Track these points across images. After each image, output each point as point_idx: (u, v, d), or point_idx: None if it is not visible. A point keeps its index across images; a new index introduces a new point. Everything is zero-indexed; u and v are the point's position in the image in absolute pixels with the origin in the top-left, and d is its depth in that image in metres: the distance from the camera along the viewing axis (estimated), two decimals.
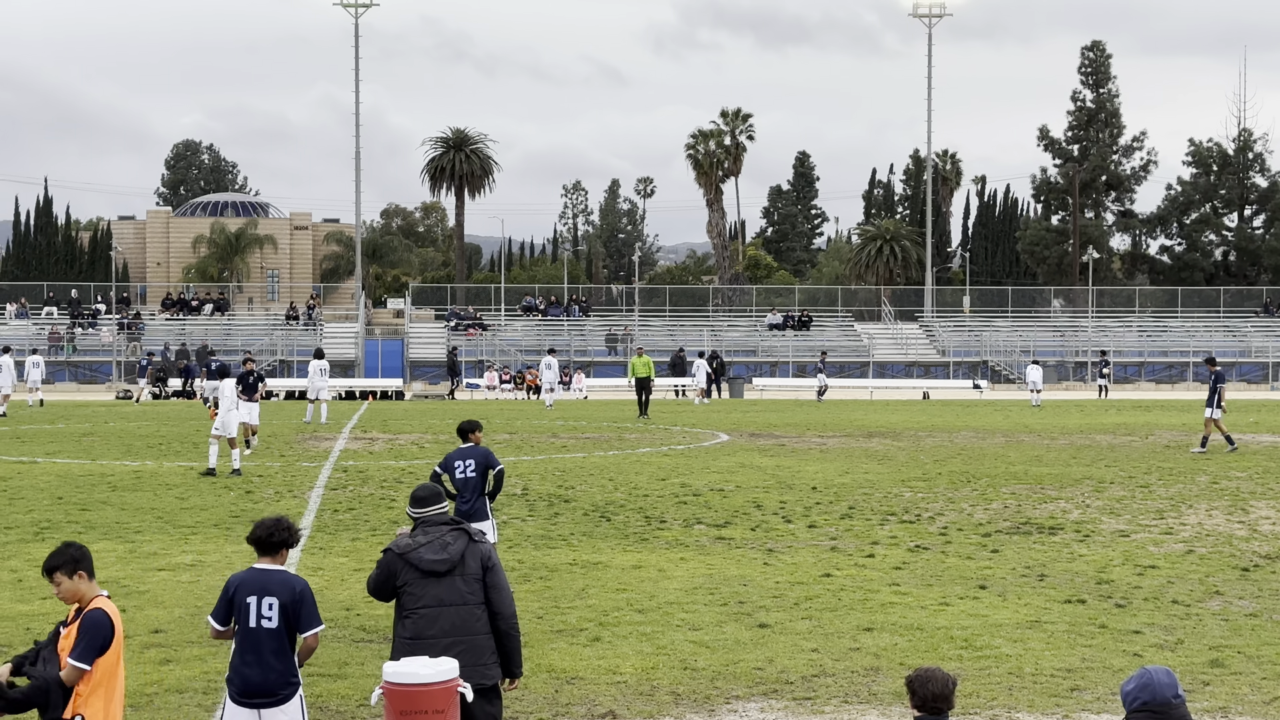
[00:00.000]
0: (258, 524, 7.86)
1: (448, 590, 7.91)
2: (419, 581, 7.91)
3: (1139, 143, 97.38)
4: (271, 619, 7.56)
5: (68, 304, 77.23)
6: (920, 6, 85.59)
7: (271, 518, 7.87)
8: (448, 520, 8.21)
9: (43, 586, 14.59)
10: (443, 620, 7.85)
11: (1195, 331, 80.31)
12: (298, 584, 7.71)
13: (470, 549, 8.03)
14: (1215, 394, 31.54)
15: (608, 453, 31.07)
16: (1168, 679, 5.84)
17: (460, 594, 7.93)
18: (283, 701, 7.57)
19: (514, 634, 8.07)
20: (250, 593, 7.60)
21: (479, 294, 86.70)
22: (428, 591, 7.89)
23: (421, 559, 7.95)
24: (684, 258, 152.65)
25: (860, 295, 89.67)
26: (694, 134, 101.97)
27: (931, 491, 23.40)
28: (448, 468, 14.14)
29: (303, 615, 7.62)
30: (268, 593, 7.60)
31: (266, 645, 7.55)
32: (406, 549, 8.00)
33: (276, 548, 7.75)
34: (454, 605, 7.90)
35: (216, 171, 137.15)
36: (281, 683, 7.57)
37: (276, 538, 7.74)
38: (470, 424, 14.30)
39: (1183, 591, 14.54)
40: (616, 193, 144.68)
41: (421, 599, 7.89)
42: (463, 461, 14.10)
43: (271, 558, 7.75)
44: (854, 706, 10.27)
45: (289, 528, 7.81)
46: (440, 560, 7.94)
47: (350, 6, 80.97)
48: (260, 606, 7.57)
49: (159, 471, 26.47)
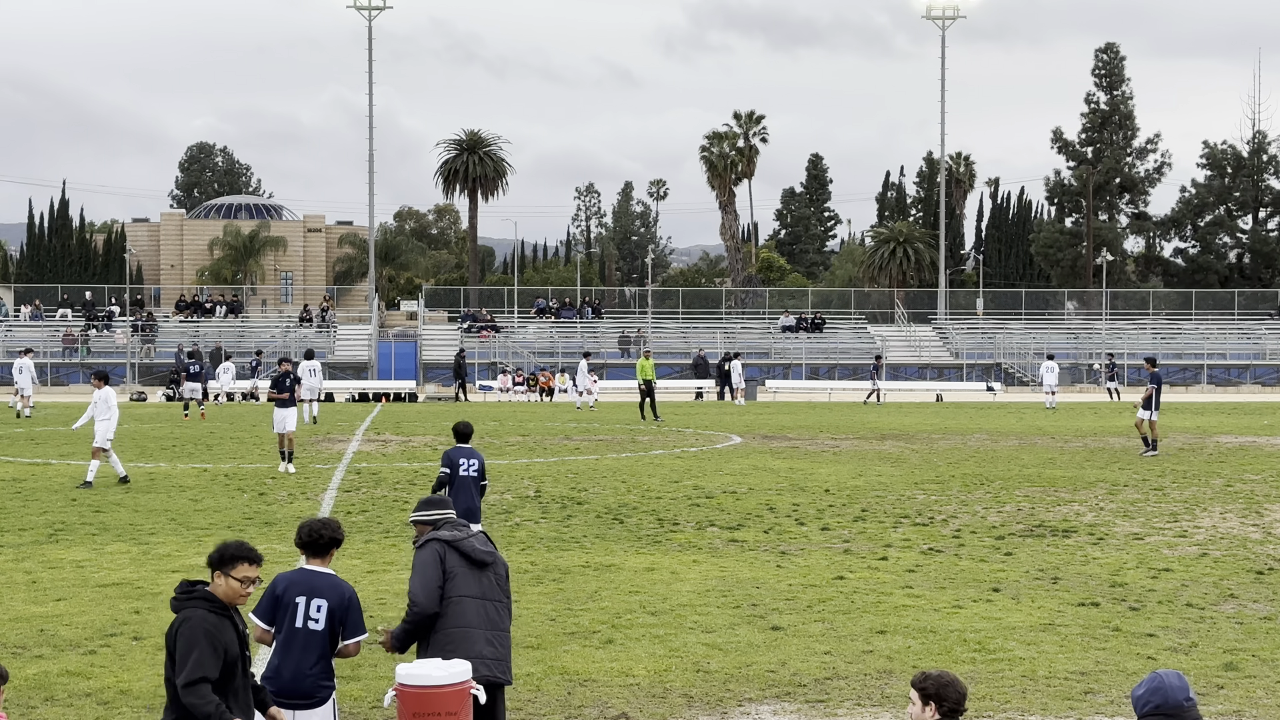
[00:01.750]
0: (302, 527, 7.85)
1: (488, 584, 8.09)
2: (467, 572, 8.05)
3: (1153, 145, 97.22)
4: (319, 621, 7.55)
5: (82, 306, 77.45)
6: (934, 9, 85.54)
7: (317, 519, 7.87)
8: (460, 522, 8.38)
9: (56, 588, 14.63)
10: (486, 612, 8.04)
11: (1209, 334, 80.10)
12: (347, 590, 7.70)
13: (496, 552, 8.33)
14: (1155, 395, 31.57)
15: (620, 455, 31.07)
16: (1179, 682, 5.82)
17: (495, 589, 8.15)
18: (319, 704, 7.58)
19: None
20: (300, 593, 7.59)
21: (492, 296, 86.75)
22: (474, 582, 8.05)
23: (473, 548, 8.13)
24: (697, 260, 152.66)
25: (873, 298, 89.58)
26: (708, 136, 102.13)
27: (945, 494, 23.36)
28: (452, 465, 14.66)
29: (349, 621, 7.62)
30: (317, 594, 7.59)
31: (311, 647, 7.54)
32: (455, 539, 8.16)
33: (326, 548, 7.75)
34: (492, 600, 8.10)
35: (230, 174, 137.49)
36: (319, 685, 7.58)
37: (325, 538, 7.74)
38: (469, 425, 15.15)
39: (1197, 595, 14.50)
40: (629, 195, 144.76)
41: (468, 589, 8.02)
42: (466, 460, 14.75)
43: (321, 560, 7.75)
44: (867, 709, 10.25)
45: (337, 526, 7.84)
46: (488, 551, 8.18)
47: (364, 9, 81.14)
48: (309, 608, 7.55)
49: (172, 473, 26.53)
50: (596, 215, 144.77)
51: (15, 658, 11.53)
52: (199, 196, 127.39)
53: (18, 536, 18.26)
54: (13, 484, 24.35)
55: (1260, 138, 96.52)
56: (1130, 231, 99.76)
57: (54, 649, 11.91)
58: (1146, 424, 31.28)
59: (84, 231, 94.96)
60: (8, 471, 26.65)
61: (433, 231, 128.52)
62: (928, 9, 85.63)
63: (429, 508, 8.45)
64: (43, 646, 12.02)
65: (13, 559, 16.50)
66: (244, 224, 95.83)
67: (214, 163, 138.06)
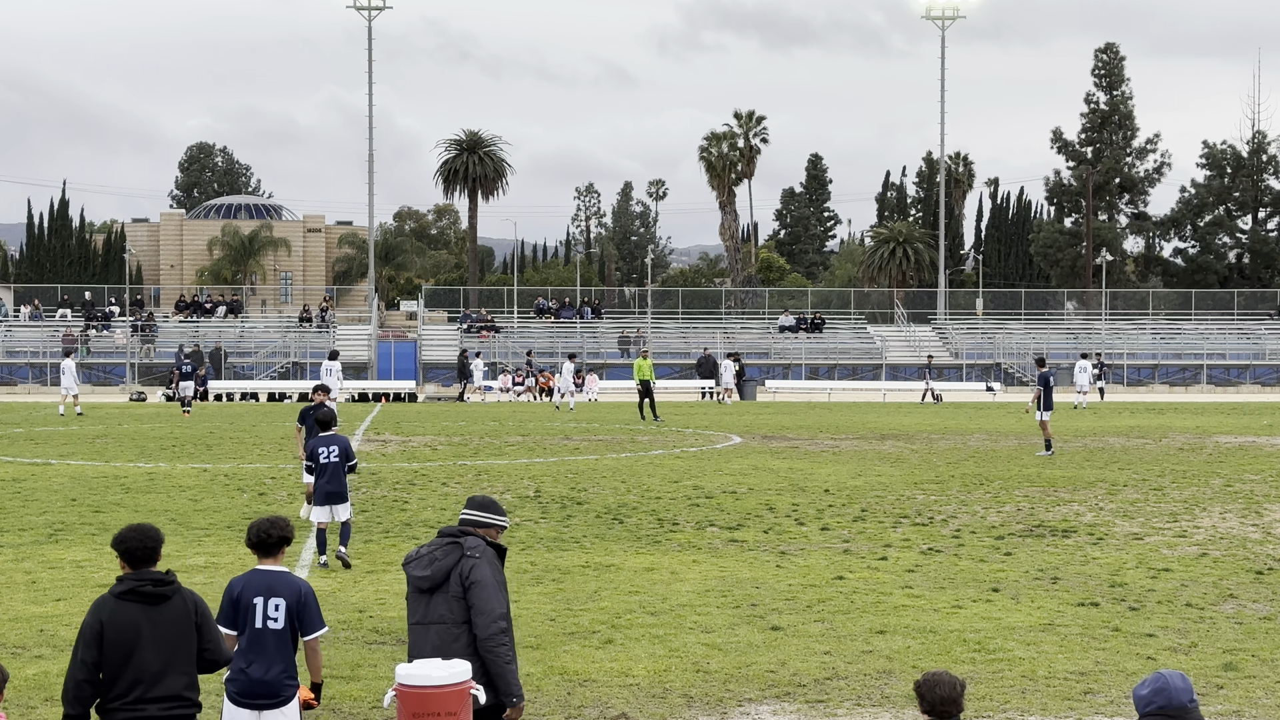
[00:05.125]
0: (252, 526, 7.86)
1: (431, 607, 7.59)
2: (412, 596, 7.67)
3: (1152, 145, 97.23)
4: (278, 620, 7.59)
5: (82, 306, 77.44)
6: (933, 9, 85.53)
7: (266, 519, 7.87)
8: (455, 531, 7.78)
9: (56, 588, 14.64)
10: (429, 638, 7.55)
11: (1209, 334, 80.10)
12: (303, 586, 7.74)
13: (457, 566, 7.58)
14: (1047, 395, 31.62)
15: (620, 455, 31.07)
16: (1183, 683, 5.82)
17: (439, 613, 7.55)
18: (284, 703, 7.61)
19: (493, 657, 7.48)
20: (256, 593, 7.62)
21: (492, 296, 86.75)
22: (416, 607, 7.63)
23: (410, 573, 7.68)
24: (696, 260, 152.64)
25: (873, 298, 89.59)
26: (707, 136, 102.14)
27: (944, 494, 23.36)
28: (313, 456, 16.28)
29: (306, 617, 7.64)
30: (274, 593, 7.62)
31: (272, 646, 7.57)
32: (407, 559, 7.78)
33: (276, 547, 7.78)
34: (435, 624, 7.56)
35: (230, 174, 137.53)
36: (284, 684, 7.61)
37: (274, 537, 7.76)
38: (330, 414, 17.17)
39: (1196, 595, 14.50)
40: (629, 195, 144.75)
41: (413, 614, 7.66)
42: (326, 448, 16.26)
43: (273, 559, 7.78)
44: (866, 709, 10.25)
45: (286, 525, 7.84)
46: (423, 577, 7.60)
47: (364, 9, 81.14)
48: (267, 607, 7.59)
49: (172, 473, 26.53)
50: (596, 215, 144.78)
51: (15, 658, 11.53)
52: (199, 196, 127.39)
53: (18, 536, 18.25)
54: (13, 484, 24.35)
55: (1260, 138, 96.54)
56: (1130, 231, 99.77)
57: (54, 649, 11.90)
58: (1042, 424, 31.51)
59: (84, 231, 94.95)
60: (8, 471, 26.64)
61: (432, 231, 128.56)
62: (927, 9, 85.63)
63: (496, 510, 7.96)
64: (43, 646, 12.02)
65: (13, 559, 16.50)
66: (244, 224, 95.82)
67: (214, 163, 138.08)
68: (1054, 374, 34.60)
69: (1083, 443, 34.55)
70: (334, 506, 16.26)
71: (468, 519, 7.84)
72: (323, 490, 16.20)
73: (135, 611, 6.88)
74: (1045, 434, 31.48)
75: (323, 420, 16.97)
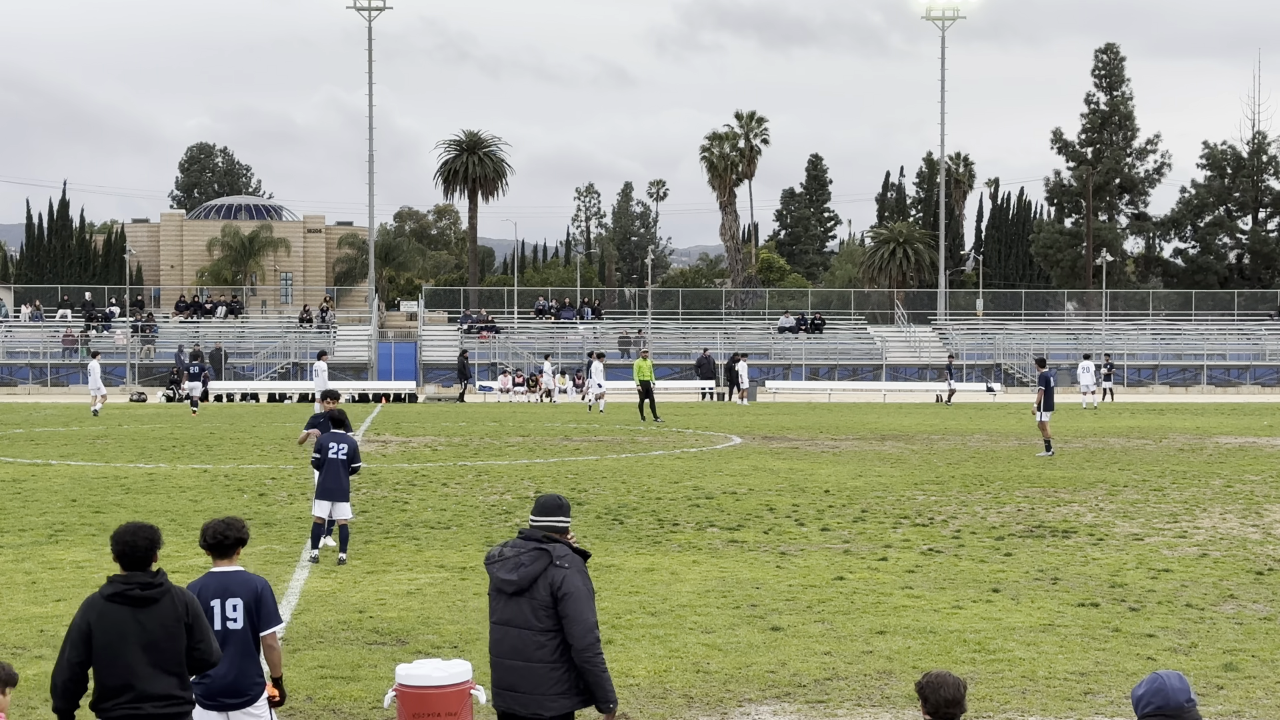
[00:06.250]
0: (207, 528, 7.88)
1: (515, 611, 7.50)
2: (494, 595, 7.61)
3: (1153, 145, 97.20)
4: (237, 620, 7.65)
5: (82, 306, 77.44)
6: (933, 10, 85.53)
7: (220, 520, 7.93)
8: (539, 536, 7.60)
9: (56, 588, 14.64)
10: (508, 640, 7.50)
11: (1209, 335, 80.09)
12: (258, 583, 7.80)
13: (545, 574, 7.47)
14: (1048, 396, 31.61)
15: (620, 455, 31.07)
16: (1180, 683, 5.82)
17: (525, 617, 7.46)
18: (251, 702, 7.67)
19: (590, 666, 7.39)
20: (214, 596, 7.68)
21: (492, 297, 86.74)
22: (498, 608, 7.57)
23: (495, 574, 7.59)
24: (696, 260, 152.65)
25: (873, 298, 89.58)
26: (708, 136, 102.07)
27: (944, 495, 23.36)
28: (322, 450, 16.73)
29: (263, 613, 7.71)
30: (231, 594, 7.69)
31: (234, 646, 7.62)
32: (490, 558, 7.69)
33: (231, 549, 7.84)
34: (518, 628, 7.48)
35: (230, 174, 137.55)
36: (249, 683, 7.67)
37: (230, 539, 7.82)
38: (342, 414, 17.41)
39: (1196, 595, 14.50)
40: (629, 195, 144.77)
41: (494, 613, 7.59)
42: (336, 445, 16.72)
43: (228, 560, 7.84)
44: (867, 710, 10.26)
45: (240, 526, 7.89)
46: (508, 581, 7.51)
47: (364, 10, 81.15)
48: (225, 609, 7.66)
49: (172, 474, 26.53)
50: (596, 216, 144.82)
51: (15, 658, 11.54)
52: (199, 197, 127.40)
53: (18, 537, 18.26)
54: (13, 484, 24.36)
55: (1260, 138, 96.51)
56: (1130, 232, 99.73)
57: (54, 649, 11.88)
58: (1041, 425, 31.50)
59: (84, 232, 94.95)
60: (8, 472, 26.65)
61: (432, 232, 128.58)
62: (927, 10, 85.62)
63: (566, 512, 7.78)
64: (43, 647, 12.02)
65: (13, 559, 16.51)
66: (244, 224, 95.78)
67: (214, 163, 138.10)
68: (1054, 374, 34.54)
69: (1083, 443, 34.55)
70: (334, 504, 16.62)
71: (544, 525, 7.65)
72: (324, 485, 16.75)
73: (123, 614, 6.92)
74: (1045, 435, 31.49)
75: (336, 419, 17.40)
